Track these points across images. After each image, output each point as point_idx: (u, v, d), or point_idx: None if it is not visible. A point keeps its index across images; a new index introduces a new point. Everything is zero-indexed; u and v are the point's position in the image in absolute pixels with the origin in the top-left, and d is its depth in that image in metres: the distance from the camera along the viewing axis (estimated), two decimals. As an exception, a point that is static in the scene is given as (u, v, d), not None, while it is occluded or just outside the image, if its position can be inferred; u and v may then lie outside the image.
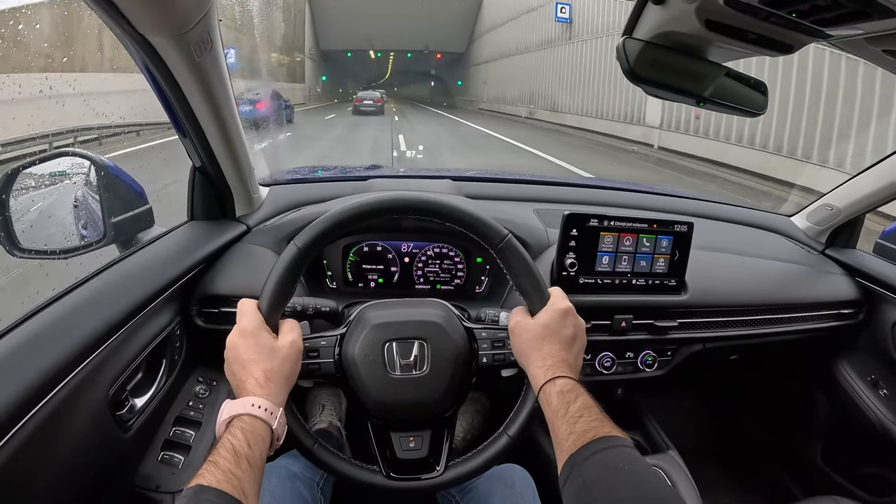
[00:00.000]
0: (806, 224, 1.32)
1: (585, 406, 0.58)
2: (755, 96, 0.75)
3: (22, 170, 0.87)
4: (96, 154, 0.93)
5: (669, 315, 1.01)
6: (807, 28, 0.54)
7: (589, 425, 0.56)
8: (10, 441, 0.54)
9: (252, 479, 0.53)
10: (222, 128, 0.88)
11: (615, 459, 0.53)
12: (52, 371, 0.60)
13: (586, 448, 0.54)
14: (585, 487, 0.51)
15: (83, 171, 0.96)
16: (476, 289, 1.04)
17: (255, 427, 0.56)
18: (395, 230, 1.02)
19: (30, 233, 0.87)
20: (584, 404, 0.59)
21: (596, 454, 0.53)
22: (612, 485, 0.51)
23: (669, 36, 0.62)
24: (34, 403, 0.57)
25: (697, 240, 0.99)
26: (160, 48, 0.71)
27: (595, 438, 0.54)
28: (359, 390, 0.69)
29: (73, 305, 0.70)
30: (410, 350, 0.70)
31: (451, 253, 1.02)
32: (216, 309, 0.89)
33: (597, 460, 0.53)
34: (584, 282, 0.96)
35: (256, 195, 1.06)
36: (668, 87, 0.70)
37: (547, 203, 1.15)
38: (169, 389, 0.86)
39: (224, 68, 0.83)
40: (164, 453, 0.84)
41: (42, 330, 0.65)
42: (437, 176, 1.23)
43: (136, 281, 0.79)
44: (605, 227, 0.95)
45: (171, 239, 0.92)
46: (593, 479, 0.52)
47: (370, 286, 1.02)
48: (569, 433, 0.56)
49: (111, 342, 0.70)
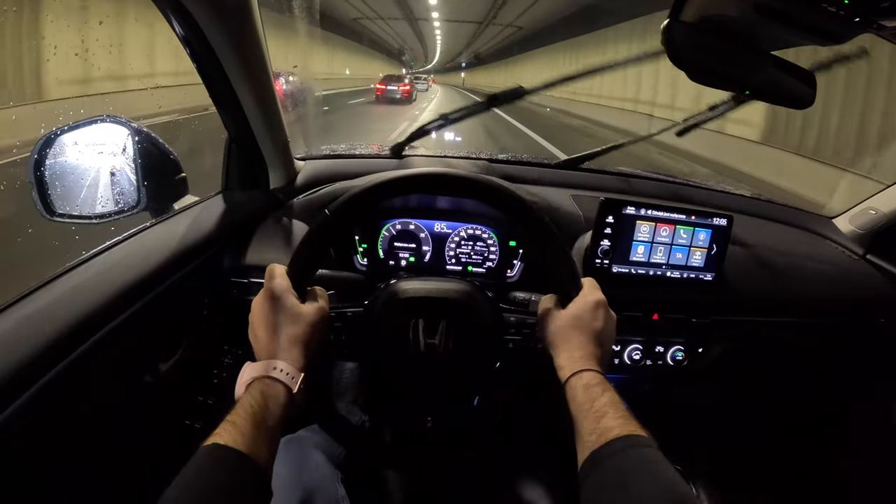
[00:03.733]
0: (849, 227, 1.27)
1: (611, 402, 0.57)
2: (802, 89, 0.72)
3: (59, 135, 0.87)
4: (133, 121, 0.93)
5: (703, 311, 0.98)
6: (860, 17, 0.52)
7: (614, 422, 0.55)
8: (47, 382, 0.55)
9: (268, 441, 0.52)
10: (259, 99, 0.87)
11: (638, 459, 0.52)
12: (80, 325, 0.61)
13: (609, 445, 0.53)
14: (606, 486, 0.51)
15: (119, 138, 0.96)
16: (507, 272, 1.02)
17: (274, 390, 0.56)
18: (430, 209, 1.00)
19: (65, 197, 0.88)
20: (609, 400, 0.57)
21: (619, 453, 0.52)
22: (633, 485, 0.50)
23: (717, 19, 0.60)
24: (67, 352, 0.58)
25: (736, 235, 0.96)
26: (197, 16, 0.71)
27: (619, 436, 0.53)
28: (381, 363, 0.68)
29: (100, 268, 0.71)
30: (436, 328, 0.69)
31: (485, 235, 1.01)
32: (246, 279, 0.89)
33: (619, 459, 0.52)
34: (617, 271, 0.93)
35: (291, 168, 1.05)
36: (713, 73, 0.68)
37: (584, 190, 1.13)
38: (195, 356, 0.86)
39: (262, 38, 0.82)
40: (186, 419, 0.85)
41: (75, 287, 0.66)
42: (474, 157, 1.21)
43: (167, 247, 0.80)
44: (641, 216, 0.92)
45: (203, 208, 0.92)
46: (614, 477, 0.51)
47: (401, 264, 1.01)
48: (592, 429, 0.55)
49: (139, 305, 0.70)
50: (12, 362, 0.54)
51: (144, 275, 0.73)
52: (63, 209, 0.86)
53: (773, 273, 1.07)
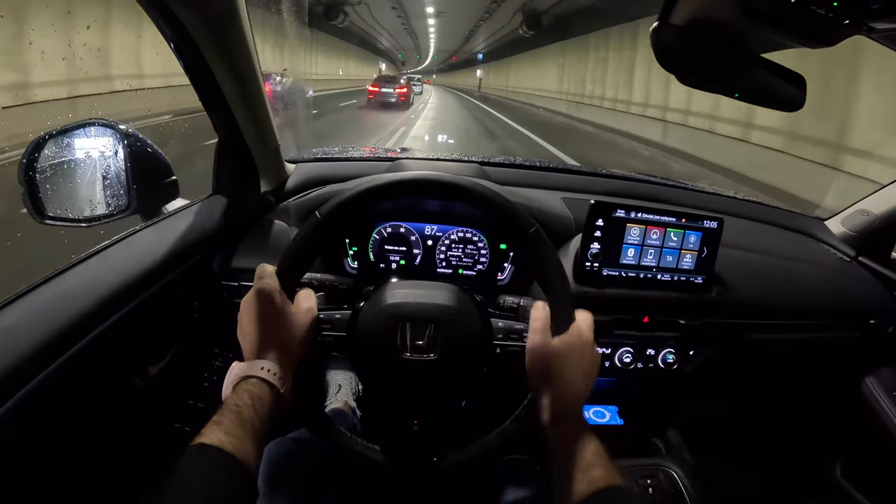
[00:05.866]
0: (840, 229, 1.27)
1: (597, 453, 0.59)
2: (792, 91, 0.72)
3: (49, 138, 0.87)
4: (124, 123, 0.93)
5: (694, 313, 0.99)
6: (849, 19, 0.52)
7: (600, 472, 0.57)
8: (37, 384, 0.56)
9: (255, 441, 0.52)
10: (248, 102, 0.87)
11: None
12: (71, 327, 0.61)
13: (598, 494, 0.55)
14: None
15: (110, 141, 0.96)
16: (498, 276, 1.02)
17: (262, 390, 0.56)
18: (420, 212, 1.00)
19: (55, 200, 0.88)
20: (595, 450, 0.59)
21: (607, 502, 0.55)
22: None
23: (705, 22, 0.60)
24: (58, 354, 0.59)
25: (727, 238, 0.96)
26: (185, 19, 0.71)
27: (607, 487, 0.55)
28: (368, 367, 0.68)
29: (93, 270, 0.71)
30: (424, 332, 0.68)
31: (475, 238, 1.01)
32: (236, 282, 0.89)
33: None
34: (607, 274, 0.94)
35: (282, 171, 1.05)
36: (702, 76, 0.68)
37: (575, 192, 1.13)
38: (184, 359, 0.86)
39: (250, 41, 0.82)
40: (174, 421, 0.85)
41: (65, 290, 0.66)
42: (466, 160, 1.22)
43: (157, 250, 0.80)
44: (632, 219, 0.92)
45: (194, 211, 0.92)
46: None
47: (391, 267, 1.01)
48: (580, 478, 0.57)
49: (129, 307, 0.70)
50: (2, 365, 0.54)
51: (135, 277, 0.73)
52: (54, 212, 0.86)
53: (764, 275, 1.07)
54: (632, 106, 12.40)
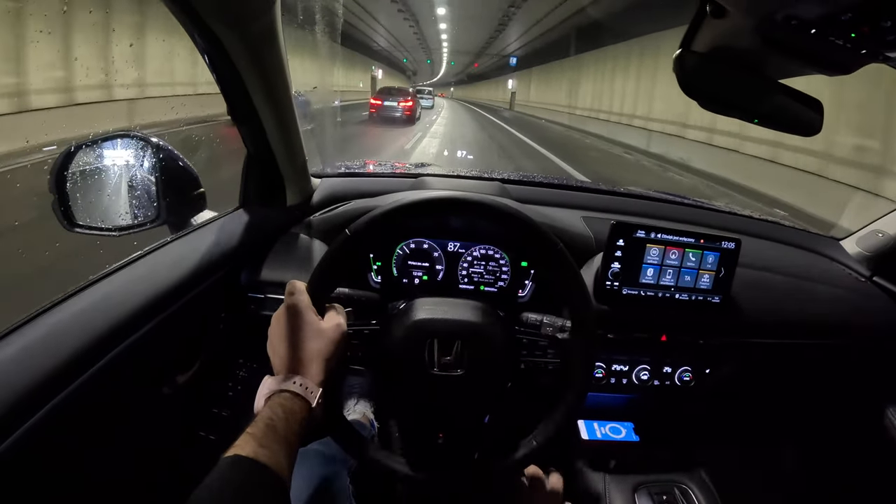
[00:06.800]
0: (856, 249, 1.28)
1: None
2: (810, 115, 0.73)
3: (81, 148, 0.90)
4: (155, 136, 0.95)
5: (711, 332, 0.99)
6: (866, 49, 0.53)
7: None
8: (73, 390, 0.57)
9: (287, 454, 0.54)
10: (279, 118, 0.89)
11: None
12: (97, 341, 0.62)
13: None
14: None
15: (141, 153, 0.98)
16: (519, 292, 1.03)
17: (293, 404, 0.58)
18: (443, 229, 1.02)
19: (86, 210, 0.90)
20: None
21: None
22: None
23: (726, 50, 0.62)
24: (94, 361, 0.60)
25: (744, 258, 0.97)
26: (224, 38, 0.73)
27: None
28: (396, 382, 0.69)
29: (123, 282, 0.73)
30: (451, 349, 0.70)
31: (497, 255, 1.02)
32: (262, 295, 0.90)
33: None
34: (627, 293, 0.95)
35: (308, 186, 1.07)
36: (723, 102, 0.69)
37: (595, 211, 1.14)
38: (211, 369, 0.88)
39: (284, 60, 0.84)
40: (201, 430, 0.86)
41: (100, 300, 0.67)
42: (487, 178, 1.23)
43: (186, 262, 0.82)
44: (651, 239, 0.93)
45: (222, 223, 0.94)
46: None
47: (414, 283, 1.03)
48: None
49: (157, 320, 0.72)
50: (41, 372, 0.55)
51: (166, 289, 0.75)
52: (83, 221, 0.88)
53: (780, 295, 1.07)
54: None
